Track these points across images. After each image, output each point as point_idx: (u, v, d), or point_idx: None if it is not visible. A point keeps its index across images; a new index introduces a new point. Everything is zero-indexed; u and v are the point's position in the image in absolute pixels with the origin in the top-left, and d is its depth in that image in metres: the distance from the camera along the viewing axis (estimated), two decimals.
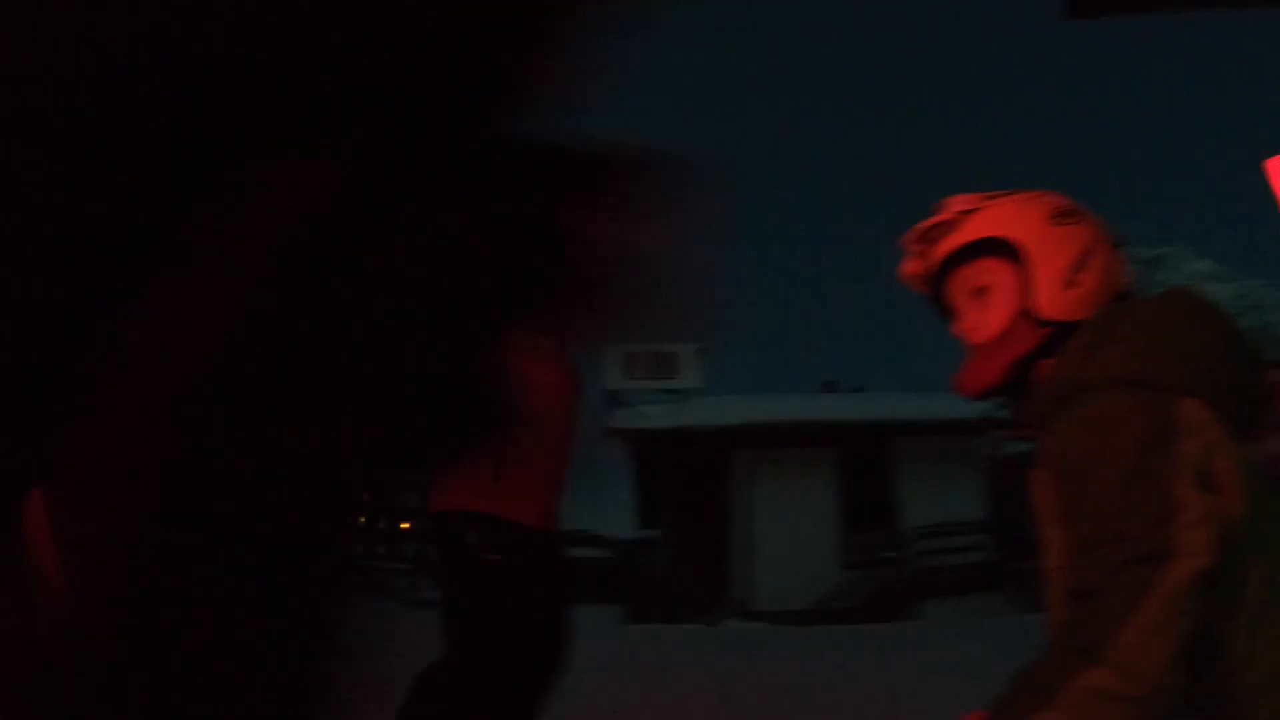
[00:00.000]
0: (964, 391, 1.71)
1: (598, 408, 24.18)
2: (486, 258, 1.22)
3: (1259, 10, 5.15)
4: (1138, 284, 1.67)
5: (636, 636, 14.25)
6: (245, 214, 1.01)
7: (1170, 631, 1.22)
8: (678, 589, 22.02)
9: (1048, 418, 1.51)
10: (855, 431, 23.64)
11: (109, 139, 0.98)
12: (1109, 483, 1.34)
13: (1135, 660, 1.21)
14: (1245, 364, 1.49)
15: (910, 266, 1.78)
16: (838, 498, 23.43)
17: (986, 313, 1.65)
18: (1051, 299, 1.59)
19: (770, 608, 19.86)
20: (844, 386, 30.34)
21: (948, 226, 1.69)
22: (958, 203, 1.70)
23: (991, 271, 1.65)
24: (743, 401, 25.18)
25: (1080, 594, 1.32)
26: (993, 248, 1.64)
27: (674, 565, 23.06)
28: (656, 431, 23.27)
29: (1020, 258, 1.61)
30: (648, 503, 29.03)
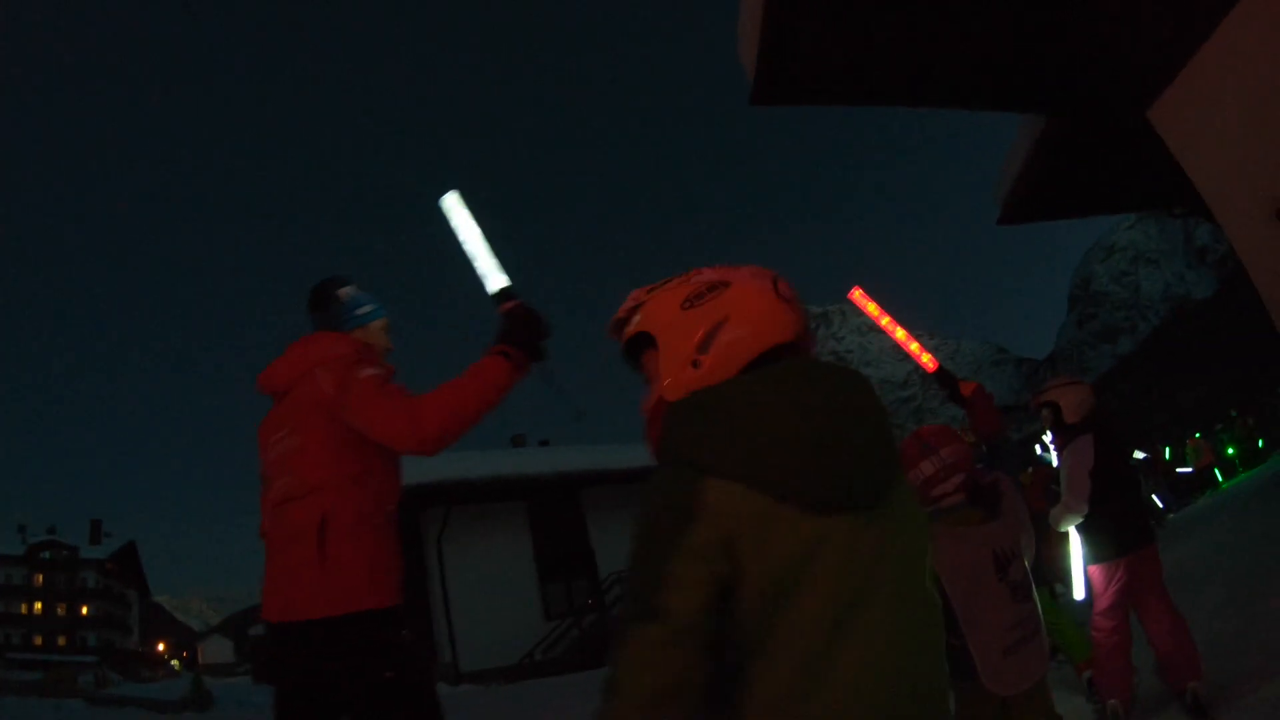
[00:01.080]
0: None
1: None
2: None
3: (933, 110, 5.61)
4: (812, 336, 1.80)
5: None
6: None
7: (652, 677, 1.47)
8: None
9: None
10: (545, 484, 23.88)
11: None
12: (635, 549, 1.58)
13: (628, 697, 1.48)
14: (830, 439, 1.57)
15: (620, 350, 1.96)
16: (533, 550, 23.54)
17: (649, 395, 1.84)
18: (674, 383, 1.75)
19: (477, 668, 19.71)
20: (531, 440, 30.65)
21: (623, 322, 1.88)
22: (632, 297, 1.89)
23: (649, 360, 1.83)
24: (428, 460, 25.03)
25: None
26: (647, 340, 1.82)
27: None
28: None
29: (657, 347, 1.79)
30: None
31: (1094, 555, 5.71)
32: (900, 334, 3.97)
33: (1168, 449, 28.98)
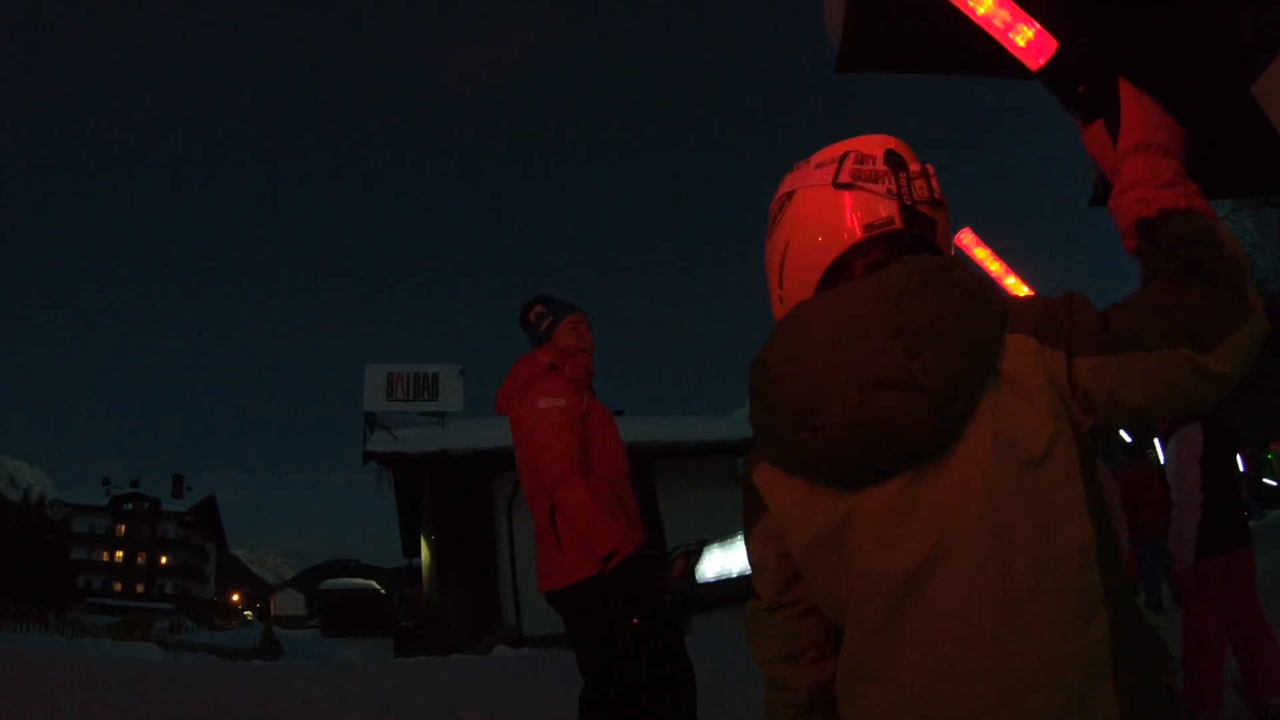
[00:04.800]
0: None
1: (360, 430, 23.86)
2: None
3: (1020, 80, 5.37)
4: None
5: (407, 669, 13.90)
6: None
7: (763, 642, 1.63)
8: (445, 618, 21.60)
9: None
10: None
11: None
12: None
13: (756, 658, 1.65)
14: (832, 404, 1.32)
15: None
16: None
17: None
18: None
19: (538, 632, 19.72)
20: None
21: None
22: None
23: None
24: (502, 424, 25.08)
25: None
26: None
27: (440, 593, 22.51)
28: (416, 455, 22.83)
29: None
30: (411, 529, 28.48)
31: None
32: (1011, 282, 3.64)
33: (1271, 457, 27.87)
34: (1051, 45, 1.57)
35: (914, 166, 1.51)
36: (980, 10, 1.64)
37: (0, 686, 9.08)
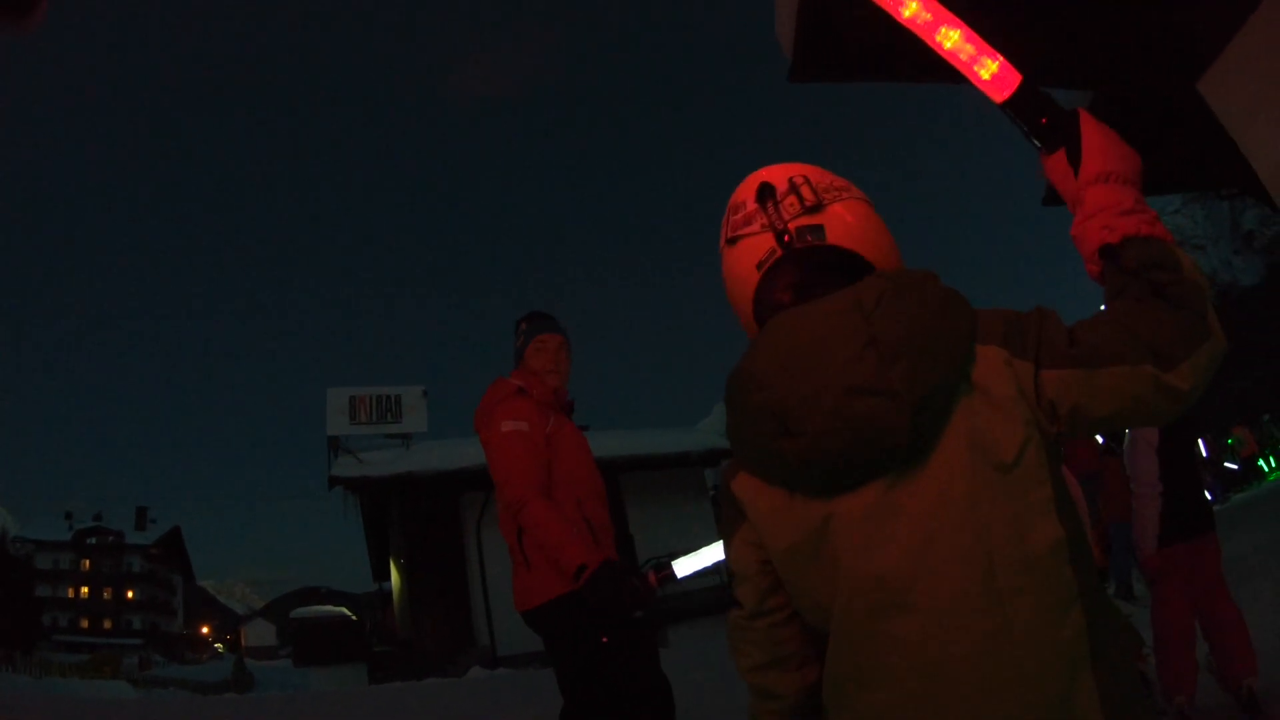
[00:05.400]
0: None
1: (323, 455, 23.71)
2: None
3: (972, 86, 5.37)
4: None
5: (383, 695, 13.82)
6: None
7: (746, 650, 1.62)
8: (418, 642, 21.49)
9: None
10: None
11: None
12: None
13: (740, 667, 1.64)
14: (798, 414, 1.36)
15: None
16: None
17: None
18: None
19: (513, 652, 19.65)
20: None
21: None
22: None
23: None
24: (468, 443, 25.07)
25: None
26: None
27: (412, 617, 22.39)
28: (382, 478, 22.71)
29: None
30: (379, 553, 28.32)
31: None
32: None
33: (1232, 441, 28.01)
34: (1015, 79, 1.60)
35: (782, 188, 1.58)
36: (947, 45, 1.67)
37: None
